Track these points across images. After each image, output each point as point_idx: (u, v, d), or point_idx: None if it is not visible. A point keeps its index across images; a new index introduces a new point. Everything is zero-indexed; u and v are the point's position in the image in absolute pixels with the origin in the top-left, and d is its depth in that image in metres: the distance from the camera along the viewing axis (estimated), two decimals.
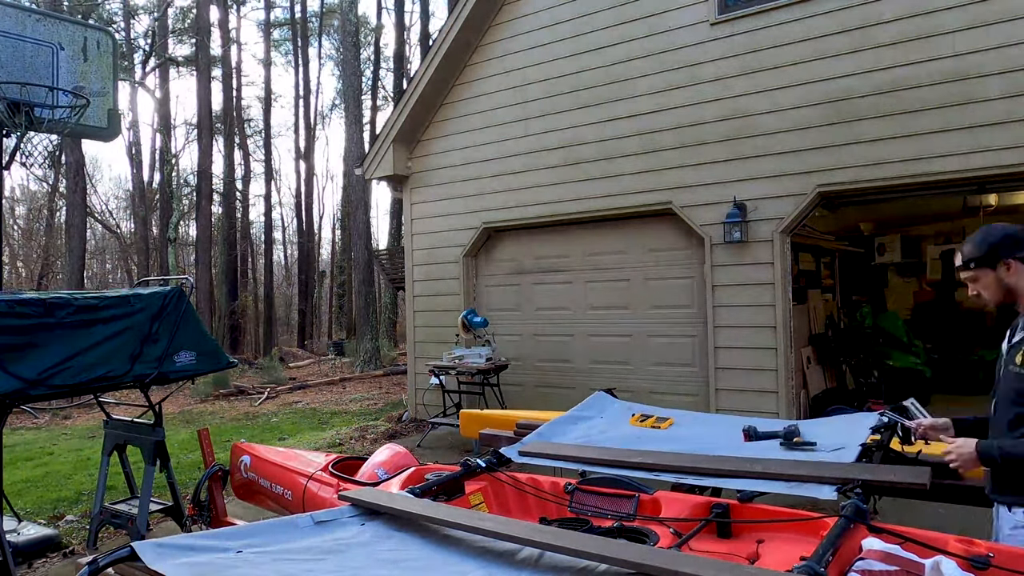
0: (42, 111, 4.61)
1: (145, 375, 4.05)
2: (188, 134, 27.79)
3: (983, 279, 2.26)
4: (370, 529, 2.01)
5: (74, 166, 16.04)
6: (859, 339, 8.72)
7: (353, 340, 18.92)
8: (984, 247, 2.25)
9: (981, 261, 2.25)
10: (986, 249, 2.24)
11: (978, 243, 2.27)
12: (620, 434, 3.21)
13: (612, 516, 2.54)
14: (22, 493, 6.29)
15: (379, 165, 8.79)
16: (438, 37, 8.32)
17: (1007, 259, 2.21)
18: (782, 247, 6.22)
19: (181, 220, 21.92)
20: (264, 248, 28.38)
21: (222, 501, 4.27)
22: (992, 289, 2.27)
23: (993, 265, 2.23)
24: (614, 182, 7.16)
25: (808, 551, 1.78)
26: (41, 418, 10.90)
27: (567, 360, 7.76)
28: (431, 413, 8.08)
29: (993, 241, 2.23)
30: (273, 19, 28.74)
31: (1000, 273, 2.23)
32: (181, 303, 4.32)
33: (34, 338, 3.67)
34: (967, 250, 2.30)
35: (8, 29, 4.57)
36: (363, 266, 15.67)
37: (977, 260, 2.26)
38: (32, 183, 24.60)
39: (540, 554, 1.77)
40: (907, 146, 5.64)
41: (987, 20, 5.34)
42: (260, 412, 10.96)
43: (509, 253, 8.30)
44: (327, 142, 51.68)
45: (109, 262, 30.09)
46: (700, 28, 6.63)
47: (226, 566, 1.63)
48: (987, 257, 2.24)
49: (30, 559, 4.54)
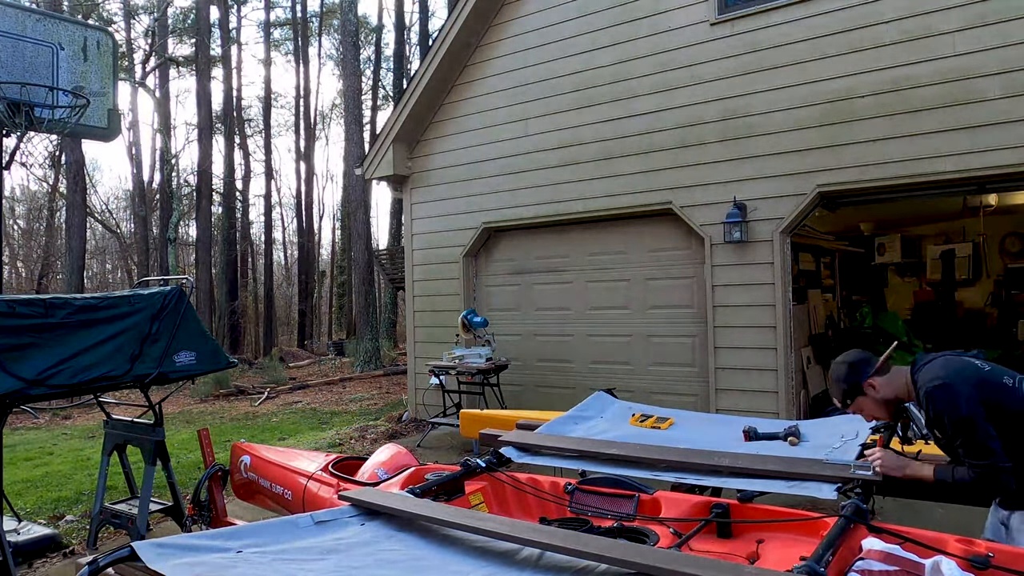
0: (42, 111, 4.61)
1: (145, 375, 4.05)
2: (188, 134, 27.84)
3: (866, 406, 2.42)
4: (370, 529, 2.01)
5: (74, 166, 16.04)
6: (859, 339, 8.72)
7: (353, 340, 18.92)
8: (843, 386, 2.43)
9: (852, 394, 2.42)
10: (844, 387, 2.42)
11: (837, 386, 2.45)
12: (620, 434, 3.21)
13: (612, 516, 2.54)
14: (22, 493, 6.29)
15: (379, 165, 8.79)
16: (438, 37, 8.32)
17: (863, 383, 2.39)
18: (782, 247, 6.22)
19: (181, 220, 21.92)
20: (264, 248, 28.38)
21: (222, 501, 4.27)
22: (879, 408, 2.41)
23: (863, 392, 2.40)
24: (614, 182, 7.16)
25: (808, 551, 1.79)
26: (41, 418, 10.89)
27: (567, 360, 7.76)
28: (431, 413, 8.08)
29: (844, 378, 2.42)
30: (273, 19, 28.75)
31: (871, 394, 2.39)
32: (181, 303, 4.32)
33: (34, 338, 3.67)
34: (835, 395, 2.48)
35: (8, 29, 4.57)
36: (363, 266, 15.67)
37: (849, 395, 2.43)
38: (32, 183, 24.62)
39: (540, 554, 1.77)
40: (907, 146, 5.64)
41: (987, 20, 5.34)
42: (260, 412, 10.96)
43: (509, 253, 8.30)
44: (327, 142, 51.68)
45: (109, 262, 30.08)
46: (700, 28, 6.63)
47: (226, 566, 1.63)
48: (852, 390, 2.41)
49: (30, 559, 4.54)
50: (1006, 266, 9.60)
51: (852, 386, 2.39)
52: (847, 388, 2.40)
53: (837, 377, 2.43)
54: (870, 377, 2.37)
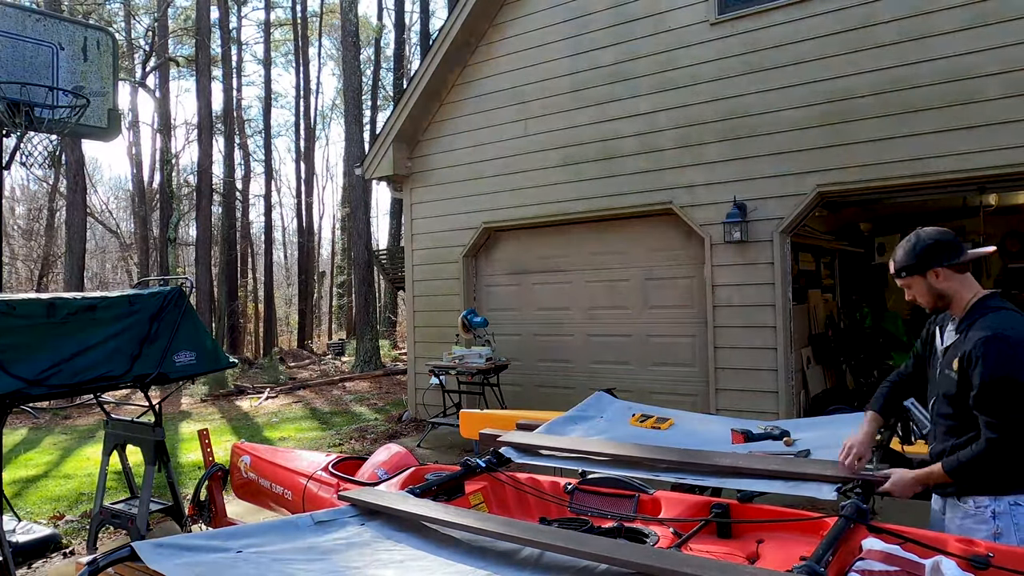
0: (42, 111, 4.61)
1: (145, 375, 4.05)
2: (188, 134, 27.77)
3: (915, 286, 2.30)
4: (370, 529, 2.01)
5: (74, 166, 16.03)
6: (859, 339, 8.72)
7: (353, 340, 18.92)
8: (912, 256, 2.27)
9: (912, 269, 2.28)
10: (915, 258, 2.27)
11: (907, 251, 2.29)
12: (620, 435, 3.22)
13: (612, 516, 2.54)
14: (22, 493, 6.29)
15: (379, 165, 8.79)
16: (438, 37, 8.32)
17: (935, 267, 2.23)
18: (782, 247, 6.22)
19: (181, 220, 21.92)
20: (264, 248, 28.35)
21: (222, 501, 4.27)
22: (925, 295, 2.30)
23: (923, 272, 2.26)
24: (614, 182, 7.16)
25: (808, 551, 1.79)
26: (41, 418, 10.89)
27: (567, 360, 7.76)
28: (431, 413, 8.08)
29: (921, 249, 2.26)
30: (273, 19, 28.73)
31: (930, 280, 2.25)
32: (181, 303, 4.32)
33: (34, 338, 3.67)
34: (898, 258, 2.32)
35: (8, 29, 4.57)
36: (363, 266, 15.67)
37: (908, 269, 2.29)
38: (32, 183, 24.62)
39: (540, 554, 1.77)
40: (907, 146, 5.64)
41: (987, 20, 5.34)
42: (260, 412, 10.96)
43: (509, 253, 8.30)
44: (327, 142, 51.74)
45: (109, 262, 30.07)
46: (700, 28, 6.63)
47: (226, 566, 1.63)
48: (917, 265, 2.27)
49: (30, 559, 4.54)
50: (1006, 266, 9.59)
51: (921, 261, 2.24)
52: (914, 262, 2.26)
53: (916, 246, 2.26)
54: (944, 265, 2.21)
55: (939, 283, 2.25)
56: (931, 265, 2.23)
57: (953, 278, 2.24)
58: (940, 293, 2.26)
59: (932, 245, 2.24)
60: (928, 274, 2.25)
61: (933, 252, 2.24)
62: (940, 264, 2.22)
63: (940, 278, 2.24)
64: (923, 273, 2.26)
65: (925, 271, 2.25)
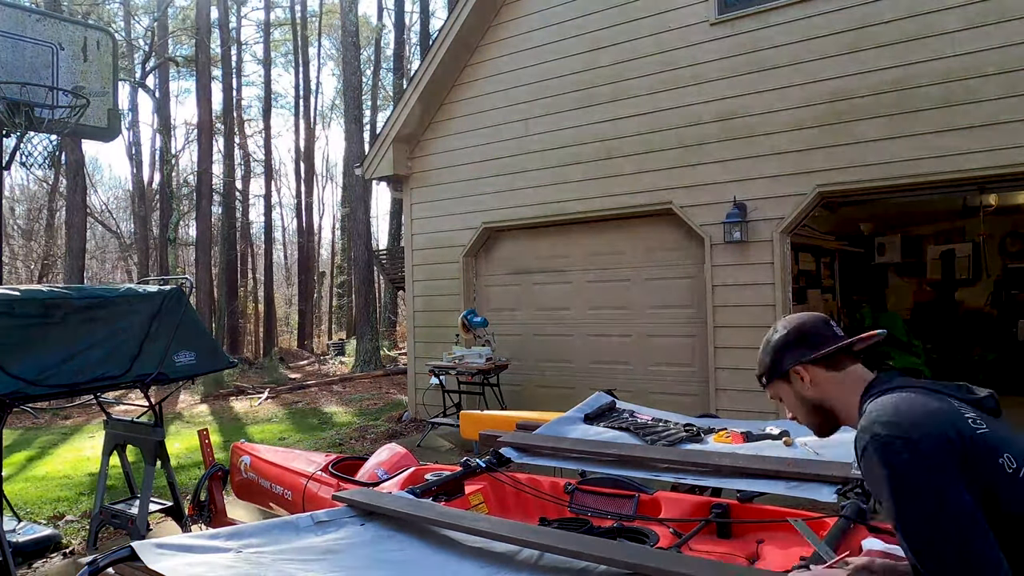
0: (42, 111, 4.61)
1: (145, 375, 4.05)
2: (188, 134, 27.78)
3: (785, 398, 1.65)
4: (370, 530, 2.01)
5: (74, 166, 16.04)
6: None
7: (353, 340, 18.92)
8: (767, 358, 1.66)
9: (771, 374, 1.66)
10: (768, 360, 1.66)
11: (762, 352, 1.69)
12: (620, 434, 3.21)
13: (612, 516, 2.54)
14: (22, 493, 6.29)
15: (379, 165, 8.79)
16: (438, 37, 8.32)
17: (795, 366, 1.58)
18: (782, 247, 6.22)
19: (181, 220, 21.91)
20: (264, 248, 28.35)
21: (222, 501, 4.27)
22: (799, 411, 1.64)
23: (784, 376, 1.62)
24: (614, 182, 7.16)
25: (808, 551, 1.79)
26: (41, 418, 10.89)
27: (567, 360, 7.76)
28: (431, 413, 8.08)
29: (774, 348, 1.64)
30: (273, 19, 28.74)
31: (797, 387, 1.61)
32: (181, 303, 4.32)
33: (34, 338, 3.67)
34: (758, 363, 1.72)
35: (8, 29, 4.57)
36: (363, 266, 15.67)
37: (767, 373, 1.67)
38: (32, 183, 24.61)
39: (539, 555, 1.77)
40: (907, 146, 5.64)
41: (987, 20, 5.34)
42: (260, 412, 10.96)
43: (509, 253, 8.30)
44: (327, 142, 51.79)
45: (109, 262, 30.07)
46: (700, 28, 6.63)
47: (226, 566, 1.63)
48: (773, 368, 1.64)
49: (30, 559, 4.54)
50: (1006, 266, 9.60)
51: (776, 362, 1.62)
52: (770, 363, 1.64)
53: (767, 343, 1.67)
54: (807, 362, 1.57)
55: (809, 389, 1.58)
56: (790, 363, 1.59)
57: (826, 380, 1.56)
58: (814, 404, 1.59)
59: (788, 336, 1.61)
60: (792, 378, 1.60)
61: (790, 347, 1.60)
62: (799, 361, 1.57)
63: (808, 381, 1.58)
64: (786, 378, 1.62)
65: (787, 374, 1.61)
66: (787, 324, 1.64)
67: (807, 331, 1.60)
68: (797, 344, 1.59)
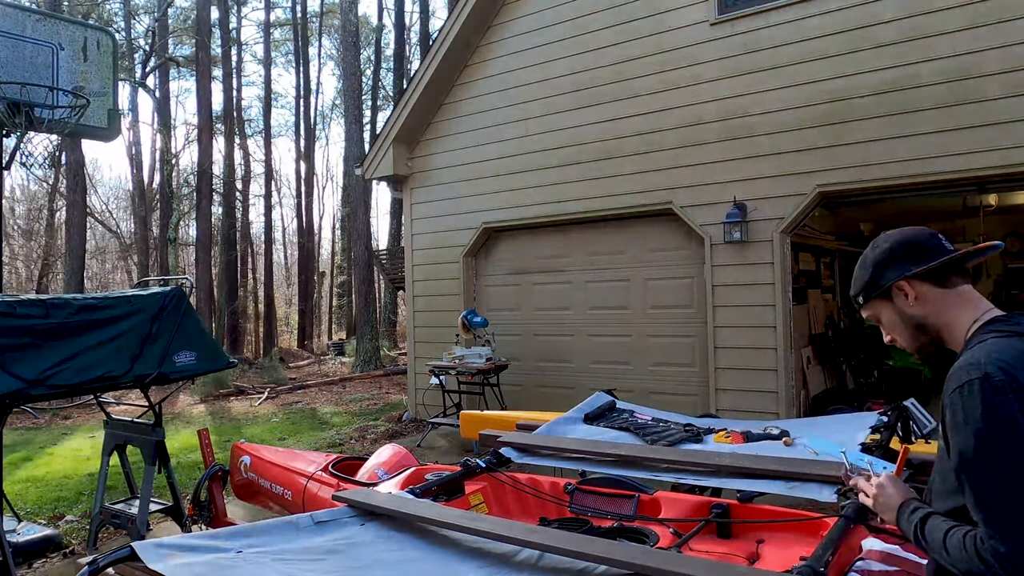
0: (42, 111, 4.61)
1: (145, 375, 4.05)
2: (188, 134, 27.77)
3: (884, 317, 1.52)
4: (370, 530, 2.01)
5: (74, 166, 16.04)
6: (859, 339, 8.72)
7: (353, 340, 18.92)
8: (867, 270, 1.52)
9: (869, 289, 1.52)
10: (867, 276, 1.51)
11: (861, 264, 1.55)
12: (620, 434, 3.21)
13: (612, 516, 2.54)
14: (22, 493, 6.29)
15: (379, 165, 8.79)
16: (438, 37, 8.32)
17: (900, 279, 1.45)
18: (782, 247, 6.22)
19: (181, 220, 21.91)
20: (264, 248, 28.36)
21: (222, 501, 4.27)
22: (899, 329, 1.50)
23: (887, 293, 1.48)
24: (614, 182, 7.16)
25: (808, 551, 1.79)
26: (41, 418, 10.89)
27: (567, 360, 7.76)
28: (431, 413, 8.08)
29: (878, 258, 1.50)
30: (273, 19, 28.74)
31: (899, 303, 1.47)
32: (181, 303, 4.32)
33: (34, 338, 3.67)
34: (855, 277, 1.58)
35: (8, 29, 4.57)
36: (363, 266, 15.67)
37: (865, 290, 1.53)
38: (32, 183, 24.61)
39: (539, 555, 1.77)
40: (907, 146, 5.64)
41: (987, 20, 5.34)
42: (260, 412, 10.96)
43: (509, 253, 8.30)
44: (327, 142, 51.74)
45: (109, 262, 30.06)
46: (700, 28, 6.63)
47: (226, 566, 1.63)
48: (871, 282, 1.50)
49: (30, 559, 4.54)
50: (1006, 266, 9.60)
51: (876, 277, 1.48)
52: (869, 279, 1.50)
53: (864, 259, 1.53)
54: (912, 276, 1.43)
55: (913, 307, 1.45)
56: (893, 278, 1.46)
57: (934, 297, 1.43)
58: (918, 322, 1.45)
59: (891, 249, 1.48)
60: (895, 294, 1.47)
61: (894, 259, 1.47)
62: (903, 276, 1.45)
63: (912, 298, 1.45)
64: (887, 295, 1.48)
65: (889, 290, 1.47)
66: (888, 237, 1.50)
67: (913, 244, 1.46)
68: (903, 258, 1.45)
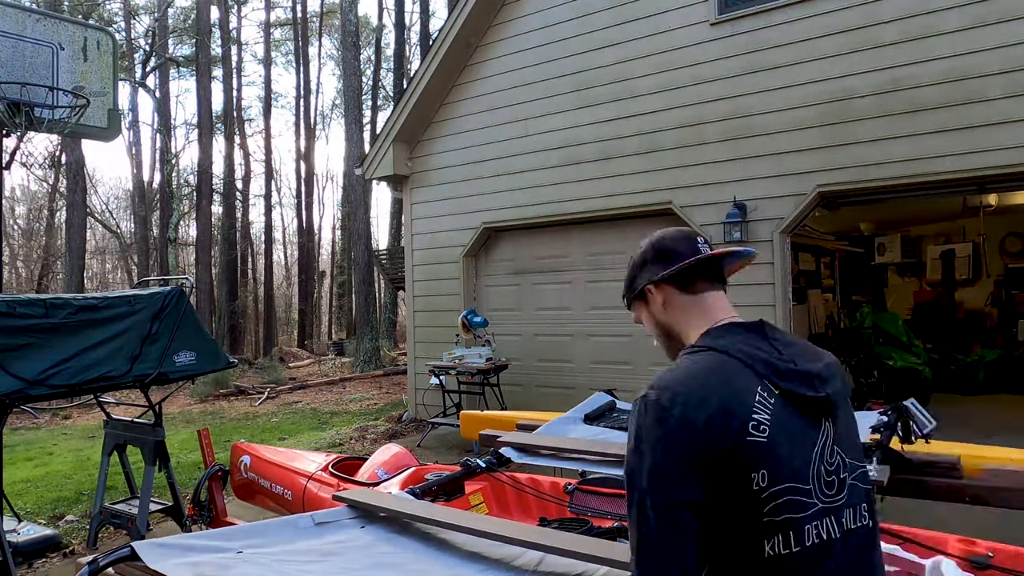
0: (42, 111, 4.61)
1: (145, 375, 4.05)
2: (188, 134, 27.83)
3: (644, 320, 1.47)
4: (371, 531, 2.01)
5: (74, 166, 16.05)
6: (859, 339, 8.72)
7: (353, 340, 18.92)
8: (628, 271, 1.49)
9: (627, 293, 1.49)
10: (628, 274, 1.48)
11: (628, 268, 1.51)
12: (620, 434, 3.21)
13: (612, 516, 2.54)
14: (22, 493, 6.29)
15: (379, 165, 8.79)
16: (438, 37, 8.32)
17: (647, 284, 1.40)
18: (782, 247, 6.22)
19: (181, 220, 21.92)
20: (264, 248, 28.38)
21: (222, 501, 4.27)
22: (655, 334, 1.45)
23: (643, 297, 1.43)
24: (614, 182, 7.16)
25: None
26: (41, 418, 10.90)
27: (567, 360, 7.76)
28: (431, 413, 8.08)
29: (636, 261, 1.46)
30: (273, 19, 28.76)
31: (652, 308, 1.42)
32: (181, 303, 4.32)
33: (34, 338, 3.67)
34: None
35: (8, 29, 4.57)
36: (363, 266, 15.67)
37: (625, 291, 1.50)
38: (32, 183, 24.62)
39: (539, 556, 1.76)
40: (907, 146, 5.64)
41: (987, 20, 5.34)
42: (260, 412, 10.96)
43: (509, 253, 8.29)
44: (327, 142, 51.84)
45: (109, 262, 30.09)
46: (700, 28, 6.63)
47: (226, 566, 1.63)
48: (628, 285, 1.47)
49: (30, 559, 4.54)
50: (1006, 266, 9.60)
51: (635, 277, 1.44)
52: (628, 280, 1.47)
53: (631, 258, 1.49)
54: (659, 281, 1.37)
55: (663, 312, 1.39)
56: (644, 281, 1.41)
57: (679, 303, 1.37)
58: (665, 328, 1.40)
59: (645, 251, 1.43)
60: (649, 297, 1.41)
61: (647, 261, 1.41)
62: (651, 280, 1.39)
63: (661, 302, 1.39)
64: (642, 297, 1.43)
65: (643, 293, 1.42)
66: (649, 239, 1.44)
67: (665, 247, 1.38)
68: (654, 260, 1.39)
